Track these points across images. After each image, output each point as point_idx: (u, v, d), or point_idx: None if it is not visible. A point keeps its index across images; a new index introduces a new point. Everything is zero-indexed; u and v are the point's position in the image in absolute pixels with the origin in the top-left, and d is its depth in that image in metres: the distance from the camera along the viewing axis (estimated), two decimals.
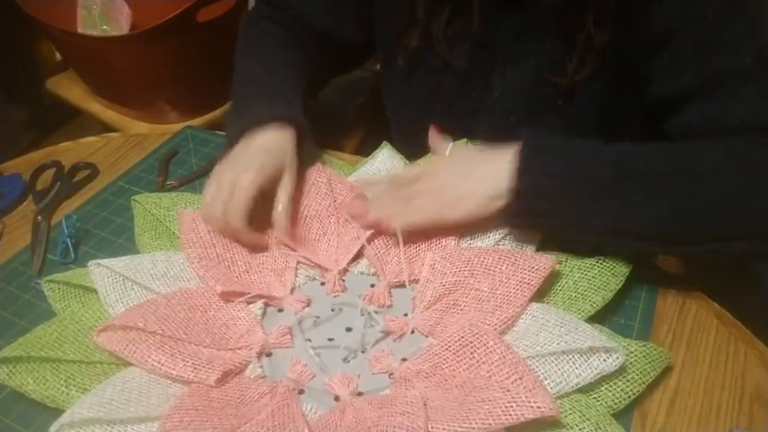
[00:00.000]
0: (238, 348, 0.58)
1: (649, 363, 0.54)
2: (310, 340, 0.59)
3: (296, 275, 0.66)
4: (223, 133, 0.89)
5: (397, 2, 0.73)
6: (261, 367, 0.57)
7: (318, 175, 0.72)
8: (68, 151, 0.86)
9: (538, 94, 0.72)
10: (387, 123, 0.90)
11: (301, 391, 0.55)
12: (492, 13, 0.69)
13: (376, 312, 0.60)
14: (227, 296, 0.61)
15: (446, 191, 0.63)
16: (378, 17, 0.80)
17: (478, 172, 0.63)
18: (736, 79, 0.60)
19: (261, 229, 0.67)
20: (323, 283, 0.65)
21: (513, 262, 0.60)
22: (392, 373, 0.56)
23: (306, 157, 0.74)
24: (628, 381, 0.53)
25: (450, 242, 0.66)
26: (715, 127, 0.61)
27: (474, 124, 0.77)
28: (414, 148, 0.77)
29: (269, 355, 0.58)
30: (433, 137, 0.72)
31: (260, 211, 0.66)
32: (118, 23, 1.27)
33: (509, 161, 0.59)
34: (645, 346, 0.55)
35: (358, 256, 0.67)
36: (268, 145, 0.67)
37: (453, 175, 0.64)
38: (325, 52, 0.83)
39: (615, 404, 0.52)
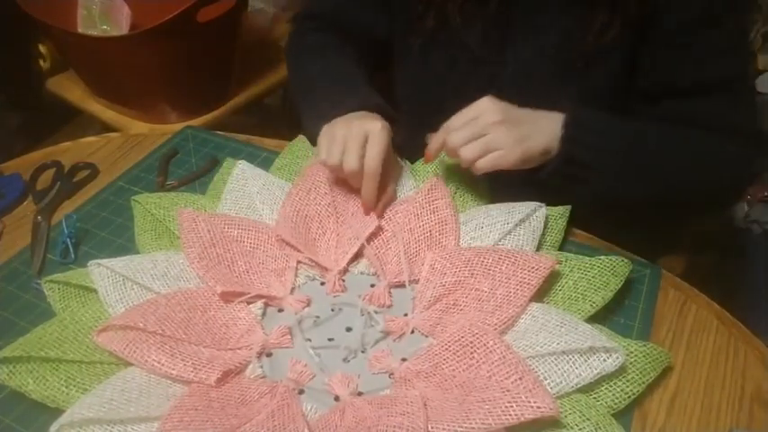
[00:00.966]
0: (238, 348, 0.58)
1: (649, 363, 0.54)
2: (310, 340, 0.59)
3: (296, 275, 0.66)
4: (223, 133, 0.89)
5: None
6: (261, 367, 0.57)
7: (318, 176, 0.72)
8: (68, 151, 0.86)
9: (552, 68, 0.73)
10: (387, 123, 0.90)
11: (301, 391, 0.55)
12: None
13: (376, 312, 0.60)
14: (227, 296, 0.61)
15: (507, 133, 0.64)
16: (395, 2, 0.81)
17: (538, 123, 0.66)
18: (724, 88, 0.69)
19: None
20: (323, 283, 0.65)
21: (513, 262, 0.60)
22: (392, 373, 0.56)
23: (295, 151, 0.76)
24: (628, 381, 0.53)
25: (450, 242, 0.66)
26: (701, 122, 0.69)
27: None
28: (423, 135, 0.77)
29: (269, 355, 0.58)
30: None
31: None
32: (118, 23, 1.26)
33: (560, 123, 0.65)
34: (645, 346, 0.55)
35: (358, 255, 0.67)
36: (381, 120, 0.69)
37: (515, 117, 0.65)
38: (366, 53, 0.85)
39: (615, 404, 0.52)
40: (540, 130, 0.65)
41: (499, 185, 0.71)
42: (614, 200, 0.69)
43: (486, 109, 0.65)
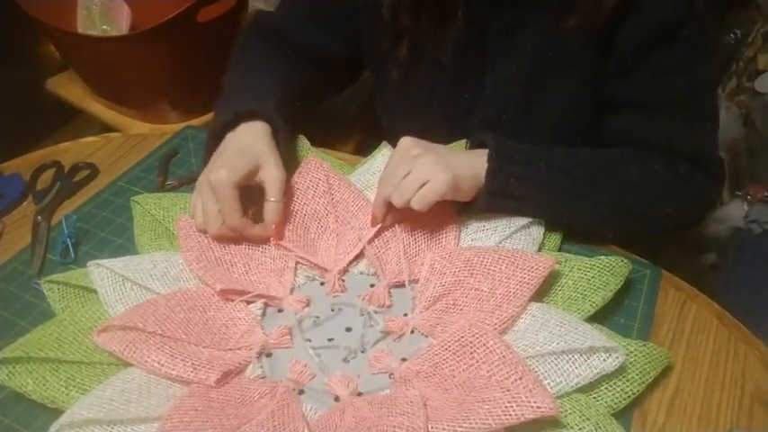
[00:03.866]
0: (238, 348, 0.58)
1: (649, 363, 0.54)
2: (310, 340, 0.59)
3: (295, 276, 0.66)
4: None
5: (382, 16, 0.73)
6: (261, 367, 0.57)
7: (316, 174, 0.72)
8: (68, 151, 0.86)
9: (529, 88, 0.73)
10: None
11: (301, 392, 0.55)
12: (478, 13, 0.70)
13: (376, 312, 0.60)
14: (227, 295, 0.61)
15: (438, 161, 0.63)
16: (365, 37, 0.81)
17: (461, 157, 0.65)
18: (674, 107, 0.69)
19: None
20: (322, 284, 0.65)
21: (512, 262, 0.60)
22: (392, 373, 0.56)
23: (291, 150, 0.73)
24: (628, 381, 0.53)
25: (450, 242, 0.66)
26: (647, 140, 0.70)
27: (469, 124, 0.78)
28: None
29: (269, 355, 0.58)
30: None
31: (254, 213, 0.67)
32: (118, 23, 1.26)
33: (484, 157, 0.64)
34: (645, 346, 0.55)
35: (358, 255, 0.67)
36: (238, 146, 0.66)
37: (438, 153, 0.64)
38: (319, 71, 0.85)
39: (615, 404, 0.52)
40: (464, 163, 0.64)
41: None
42: (556, 226, 0.68)
43: (405, 147, 0.65)
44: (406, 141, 0.65)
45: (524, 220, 0.66)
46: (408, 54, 0.74)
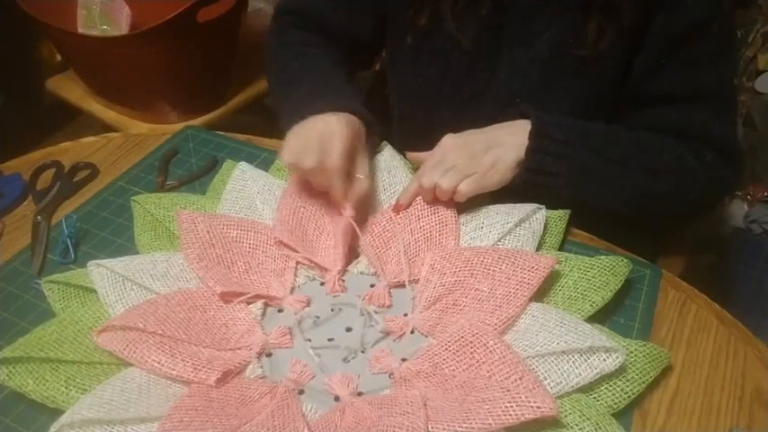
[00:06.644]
0: (238, 348, 0.58)
1: (649, 363, 0.54)
2: (310, 340, 0.59)
3: (295, 275, 0.66)
4: (223, 133, 0.89)
5: None
6: (261, 367, 0.57)
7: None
8: (68, 151, 0.86)
9: (546, 73, 0.73)
10: (387, 122, 0.90)
11: (301, 392, 0.55)
12: None
13: (376, 312, 0.60)
14: (227, 296, 0.61)
15: (477, 162, 0.66)
16: (390, 6, 0.81)
17: (503, 140, 0.67)
18: (705, 98, 0.70)
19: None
20: (323, 284, 0.65)
21: (512, 262, 0.60)
22: (392, 373, 0.56)
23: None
24: (628, 381, 0.53)
25: (450, 242, 0.66)
26: (678, 130, 0.71)
27: (480, 107, 0.78)
28: (418, 139, 0.77)
29: (269, 355, 0.58)
30: (414, 157, 0.73)
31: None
32: (118, 23, 1.26)
33: (526, 133, 0.66)
34: (645, 346, 0.55)
35: (358, 255, 0.67)
36: (345, 120, 0.68)
37: (479, 147, 0.67)
38: (349, 54, 0.85)
39: (615, 404, 0.52)
40: (507, 148, 0.67)
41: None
42: (587, 205, 0.69)
43: (449, 148, 0.67)
44: (448, 141, 0.68)
45: (524, 213, 0.66)
46: (427, 22, 0.75)
